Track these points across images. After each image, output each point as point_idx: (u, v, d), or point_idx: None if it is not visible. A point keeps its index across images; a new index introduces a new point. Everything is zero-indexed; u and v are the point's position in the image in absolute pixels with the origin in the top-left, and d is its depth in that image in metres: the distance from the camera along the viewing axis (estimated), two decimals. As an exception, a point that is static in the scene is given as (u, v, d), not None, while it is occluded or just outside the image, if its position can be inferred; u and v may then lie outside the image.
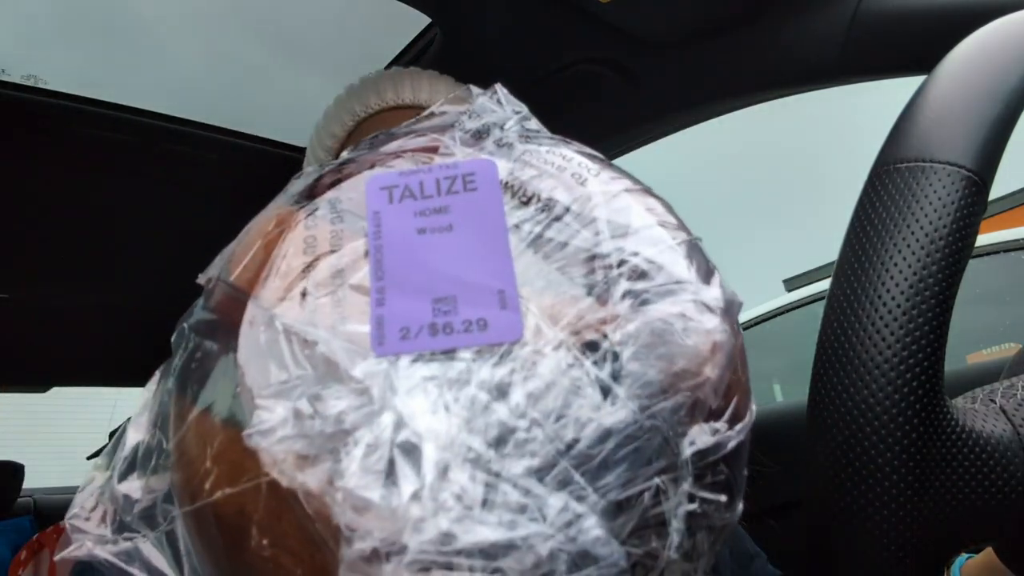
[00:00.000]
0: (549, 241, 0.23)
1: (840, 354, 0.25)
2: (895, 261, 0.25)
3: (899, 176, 0.26)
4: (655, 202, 0.25)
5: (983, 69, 0.28)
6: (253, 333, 0.21)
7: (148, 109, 1.08)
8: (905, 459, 0.24)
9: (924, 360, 0.24)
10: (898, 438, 0.24)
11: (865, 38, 0.69)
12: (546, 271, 0.22)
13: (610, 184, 0.24)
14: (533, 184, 0.24)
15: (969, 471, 0.25)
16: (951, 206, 0.25)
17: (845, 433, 0.24)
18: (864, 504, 0.24)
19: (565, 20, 0.77)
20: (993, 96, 0.27)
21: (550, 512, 0.18)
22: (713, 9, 0.75)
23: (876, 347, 0.24)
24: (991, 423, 0.27)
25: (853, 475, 0.24)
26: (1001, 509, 0.26)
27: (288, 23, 1.17)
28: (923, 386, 0.24)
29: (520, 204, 0.24)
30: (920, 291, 0.24)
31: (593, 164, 0.26)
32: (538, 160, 0.26)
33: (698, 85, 0.85)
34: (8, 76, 0.99)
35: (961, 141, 0.26)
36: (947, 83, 0.28)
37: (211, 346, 0.22)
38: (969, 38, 0.30)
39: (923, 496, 0.24)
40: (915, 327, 0.24)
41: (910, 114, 0.28)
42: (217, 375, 0.22)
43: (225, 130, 1.14)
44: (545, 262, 0.22)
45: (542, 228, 0.23)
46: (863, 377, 0.24)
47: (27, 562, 1.53)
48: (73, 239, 1.35)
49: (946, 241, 0.25)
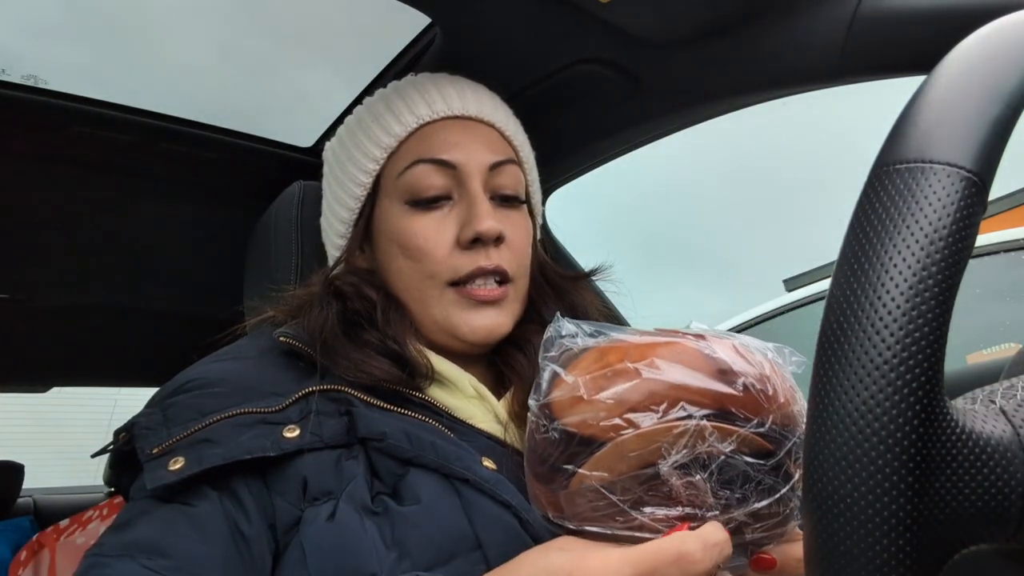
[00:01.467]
0: None
1: (840, 354, 0.25)
2: (895, 261, 0.25)
3: (899, 176, 0.26)
4: None
5: (983, 69, 0.28)
6: None
7: (148, 109, 1.08)
8: (905, 460, 0.24)
9: (924, 360, 0.24)
10: (898, 439, 0.24)
11: (865, 38, 0.69)
12: None
13: None
14: None
15: (969, 472, 0.25)
16: (951, 206, 0.25)
17: (845, 434, 0.24)
18: (864, 504, 0.24)
19: (565, 20, 0.77)
20: (993, 96, 0.27)
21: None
22: (713, 9, 0.75)
23: (876, 347, 0.24)
24: (991, 424, 0.27)
25: (853, 476, 0.24)
26: (1001, 510, 0.26)
27: (287, 24, 1.17)
28: (923, 386, 0.24)
29: None
30: (920, 291, 0.24)
31: None
32: None
33: (698, 85, 0.85)
34: (8, 76, 0.99)
35: (961, 141, 0.26)
36: (947, 83, 0.28)
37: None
38: (969, 38, 0.30)
39: (923, 496, 0.24)
40: (915, 327, 0.24)
41: (910, 114, 0.28)
42: None
43: (225, 130, 1.15)
44: None
45: None
46: (863, 377, 0.24)
47: (27, 562, 1.53)
48: (73, 239, 1.35)
49: (946, 241, 0.25)
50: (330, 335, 0.61)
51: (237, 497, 0.51)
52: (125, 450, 0.55)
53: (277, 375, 0.59)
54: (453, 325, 0.64)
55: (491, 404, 0.62)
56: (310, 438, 0.53)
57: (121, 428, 0.57)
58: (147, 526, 0.49)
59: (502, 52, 0.83)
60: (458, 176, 0.65)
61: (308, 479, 0.52)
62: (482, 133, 0.68)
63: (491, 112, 0.69)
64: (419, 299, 0.65)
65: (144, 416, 0.55)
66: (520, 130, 0.74)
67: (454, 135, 0.66)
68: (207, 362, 0.61)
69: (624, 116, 0.94)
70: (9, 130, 1.03)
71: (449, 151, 0.65)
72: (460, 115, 0.67)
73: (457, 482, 0.54)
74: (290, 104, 1.28)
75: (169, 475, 0.49)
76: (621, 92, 0.89)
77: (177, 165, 1.17)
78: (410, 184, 0.65)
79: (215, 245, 1.34)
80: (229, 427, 0.52)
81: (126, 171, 1.16)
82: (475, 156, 0.66)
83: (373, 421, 0.55)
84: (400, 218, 0.66)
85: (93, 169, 1.14)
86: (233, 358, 0.62)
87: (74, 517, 1.59)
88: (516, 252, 0.66)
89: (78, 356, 2.05)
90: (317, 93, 0.70)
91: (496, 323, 0.64)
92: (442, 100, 0.67)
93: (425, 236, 0.64)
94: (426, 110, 0.67)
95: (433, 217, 0.65)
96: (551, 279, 0.74)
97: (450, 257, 0.63)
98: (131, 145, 1.10)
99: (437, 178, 0.65)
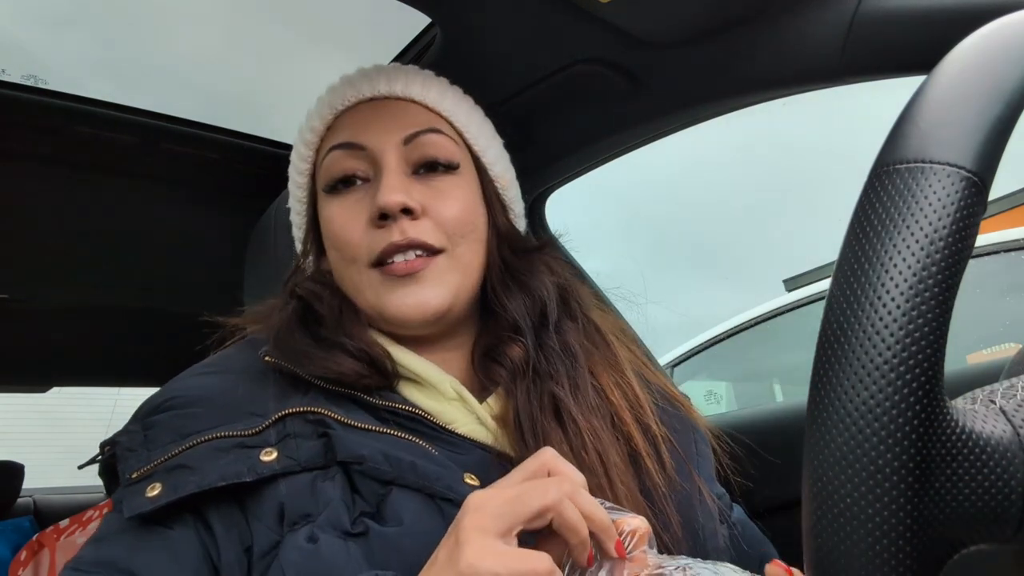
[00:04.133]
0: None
1: (840, 354, 0.25)
2: (895, 261, 0.25)
3: (899, 177, 0.26)
4: None
5: (983, 69, 0.28)
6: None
7: (148, 109, 1.08)
8: (905, 460, 0.24)
9: (924, 360, 0.24)
10: (898, 439, 0.24)
11: (865, 38, 0.69)
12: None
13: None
14: None
15: (969, 472, 0.25)
16: (951, 207, 0.25)
17: (845, 434, 0.24)
18: (864, 504, 0.24)
19: (565, 20, 0.77)
20: (993, 96, 0.27)
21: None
22: (713, 9, 0.75)
23: (876, 347, 0.24)
24: (991, 424, 0.27)
25: (853, 476, 0.24)
26: (1001, 510, 0.26)
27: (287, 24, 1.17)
28: (923, 386, 0.24)
29: None
30: (920, 291, 0.24)
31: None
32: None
33: (698, 85, 0.85)
34: (8, 76, 0.99)
35: (961, 141, 0.26)
36: (947, 83, 0.28)
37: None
38: (969, 38, 0.30)
39: (923, 496, 0.24)
40: (915, 327, 0.24)
41: (910, 114, 0.28)
42: None
43: (225, 130, 1.15)
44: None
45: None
46: (863, 377, 0.24)
47: (27, 562, 1.53)
48: (73, 239, 1.35)
49: (946, 242, 0.25)
50: (285, 332, 0.61)
51: (209, 525, 0.52)
52: (111, 462, 0.56)
53: (257, 392, 0.59)
54: (382, 306, 0.62)
55: (472, 407, 0.61)
56: (286, 462, 0.53)
57: (106, 441, 0.58)
58: (123, 545, 0.51)
59: (502, 52, 0.83)
60: (370, 156, 0.64)
61: (285, 504, 0.52)
62: (395, 109, 0.66)
63: (403, 87, 0.67)
64: (352, 287, 0.64)
65: (126, 435, 0.56)
66: (452, 97, 0.69)
67: (364, 117, 0.66)
68: (192, 374, 0.61)
69: (624, 116, 0.94)
70: (9, 130, 1.03)
71: (358, 133, 0.65)
72: (371, 97, 0.66)
73: (441, 501, 0.53)
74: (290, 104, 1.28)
75: (146, 503, 0.50)
76: (621, 92, 0.89)
77: (177, 165, 1.17)
78: (326, 171, 0.65)
79: (215, 245, 1.34)
80: (206, 451, 0.52)
81: (126, 171, 1.16)
82: (385, 134, 0.64)
83: (351, 444, 0.54)
84: (323, 208, 0.65)
85: (93, 169, 1.14)
86: (215, 372, 0.62)
87: (74, 517, 1.59)
88: (444, 221, 0.63)
89: (78, 356, 2.05)
90: (317, 93, 0.70)
91: (424, 298, 0.61)
92: (352, 88, 0.67)
93: (341, 221, 0.63)
94: (339, 99, 0.67)
95: (347, 200, 0.64)
96: (505, 257, 0.68)
97: (364, 237, 0.62)
98: (131, 145, 1.10)
99: (349, 162, 0.64)
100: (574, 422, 0.59)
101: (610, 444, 0.60)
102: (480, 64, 0.72)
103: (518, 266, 0.68)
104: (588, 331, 0.69)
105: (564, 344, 0.65)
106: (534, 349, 0.63)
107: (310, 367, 0.59)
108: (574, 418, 0.60)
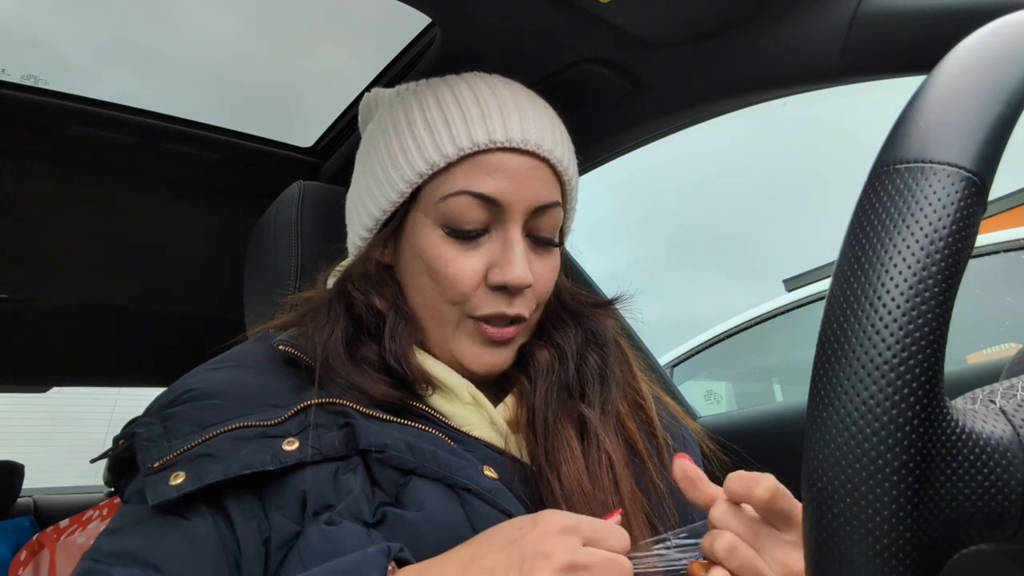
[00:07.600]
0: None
1: (840, 354, 0.25)
2: (895, 261, 0.25)
3: (899, 177, 0.26)
4: None
5: (983, 69, 0.28)
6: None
7: (148, 109, 1.08)
8: (905, 460, 0.24)
9: (924, 360, 0.24)
10: (898, 439, 0.24)
11: (865, 38, 0.69)
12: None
13: None
14: None
15: (969, 472, 0.25)
16: (951, 207, 0.25)
17: (845, 434, 0.24)
18: (864, 504, 0.24)
19: (565, 20, 0.77)
20: (993, 96, 0.27)
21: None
22: (713, 9, 0.75)
23: (876, 347, 0.24)
24: (991, 424, 0.27)
25: (853, 475, 0.24)
26: (1001, 510, 0.26)
27: (287, 24, 1.17)
28: (923, 387, 0.24)
29: None
30: (920, 291, 0.24)
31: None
32: None
33: (698, 85, 0.85)
34: (8, 76, 0.99)
35: (961, 141, 0.26)
36: (947, 83, 0.28)
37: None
38: (969, 38, 0.30)
39: (923, 497, 0.24)
40: (915, 327, 0.24)
41: (910, 114, 0.28)
42: None
43: (225, 130, 1.15)
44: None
45: None
46: (863, 377, 0.24)
47: (27, 562, 1.53)
48: (73, 239, 1.35)
49: (946, 242, 0.25)
50: (332, 354, 0.60)
51: (228, 515, 0.51)
52: (124, 456, 0.56)
53: (276, 385, 0.59)
54: (461, 353, 0.63)
55: (488, 411, 0.62)
56: (308, 451, 0.53)
57: (120, 435, 0.57)
58: (142, 536, 0.50)
59: (502, 52, 0.83)
60: (500, 214, 0.62)
61: (308, 493, 0.52)
62: (535, 171, 0.64)
63: (551, 145, 0.65)
64: (435, 319, 0.64)
65: (144, 426, 0.55)
66: (571, 158, 0.69)
67: (507, 170, 0.62)
68: (207, 369, 0.61)
69: (624, 116, 0.94)
70: (9, 130, 1.03)
71: (498, 188, 0.62)
72: (519, 147, 0.63)
73: (461, 491, 0.54)
74: (290, 104, 1.28)
75: (170, 490, 0.50)
76: (621, 92, 0.89)
77: (177, 165, 1.17)
78: (451, 212, 0.62)
79: (215, 245, 1.35)
80: (228, 441, 0.52)
81: (126, 171, 1.16)
82: (522, 198, 0.62)
83: (373, 433, 0.55)
84: (434, 241, 0.63)
85: (93, 169, 1.14)
86: (232, 366, 0.61)
87: (74, 517, 1.59)
88: (539, 295, 0.65)
89: (78, 356, 2.05)
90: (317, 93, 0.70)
91: (501, 360, 0.64)
92: (502, 125, 0.63)
93: (456, 268, 0.62)
94: (484, 135, 0.62)
95: (467, 249, 0.62)
96: (569, 305, 0.72)
97: (475, 293, 0.62)
98: (131, 145, 1.10)
99: (479, 212, 0.62)
100: (596, 439, 0.61)
101: (624, 467, 0.61)
102: (480, 64, 0.72)
103: (576, 320, 0.71)
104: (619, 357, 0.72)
105: (603, 363, 0.68)
106: (573, 360, 0.66)
107: (346, 389, 0.59)
108: (597, 436, 0.61)
